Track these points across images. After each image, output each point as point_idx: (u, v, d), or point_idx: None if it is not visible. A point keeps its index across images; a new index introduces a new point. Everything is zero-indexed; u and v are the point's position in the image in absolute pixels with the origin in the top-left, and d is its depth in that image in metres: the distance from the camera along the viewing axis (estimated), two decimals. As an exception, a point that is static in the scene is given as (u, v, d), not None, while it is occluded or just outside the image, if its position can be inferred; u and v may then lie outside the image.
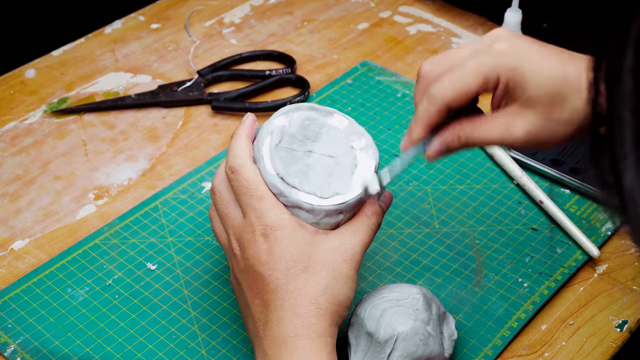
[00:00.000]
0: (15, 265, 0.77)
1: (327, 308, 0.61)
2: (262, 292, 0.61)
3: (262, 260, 0.61)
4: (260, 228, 0.61)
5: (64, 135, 0.91)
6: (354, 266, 0.63)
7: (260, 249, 0.61)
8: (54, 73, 0.99)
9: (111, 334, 0.71)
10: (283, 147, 0.63)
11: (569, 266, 0.77)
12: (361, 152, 0.66)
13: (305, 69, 1.00)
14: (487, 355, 0.69)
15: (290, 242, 0.61)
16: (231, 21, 1.07)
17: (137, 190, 0.85)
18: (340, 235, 0.63)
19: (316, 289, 0.61)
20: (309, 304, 0.60)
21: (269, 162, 0.63)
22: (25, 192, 0.84)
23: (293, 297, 0.60)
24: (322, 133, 0.65)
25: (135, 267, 0.76)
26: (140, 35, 1.04)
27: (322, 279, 0.61)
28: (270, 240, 0.61)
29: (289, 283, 0.60)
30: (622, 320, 0.73)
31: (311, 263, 0.61)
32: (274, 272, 0.61)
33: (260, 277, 0.61)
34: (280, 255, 0.61)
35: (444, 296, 0.74)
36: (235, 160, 0.63)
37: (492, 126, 0.62)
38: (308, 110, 0.66)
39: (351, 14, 1.09)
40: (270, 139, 0.64)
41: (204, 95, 0.94)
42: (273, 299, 0.61)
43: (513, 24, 0.94)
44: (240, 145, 0.64)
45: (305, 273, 0.61)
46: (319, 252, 0.62)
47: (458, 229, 0.80)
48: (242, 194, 0.62)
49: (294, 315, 0.60)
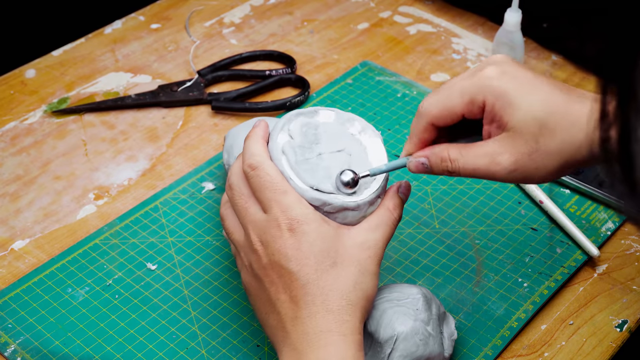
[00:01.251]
0: (15, 265, 0.77)
1: (358, 304, 0.61)
2: (289, 287, 0.60)
3: (289, 255, 0.60)
4: (286, 222, 0.60)
5: (64, 135, 0.91)
6: (377, 261, 0.63)
7: (287, 243, 0.60)
8: (54, 73, 0.99)
9: (111, 334, 0.71)
10: (300, 161, 0.63)
11: (568, 266, 0.77)
12: (362, 135, 0.66)
13: (305, 69, 1.00)
14: (487, 355, 0.69)
15: (317, 236, 0.60)
16: (231, 21, 1.07)
17: (137, 190, 0.85)
18: (363, 230, 0.63)
19: (347, 284, 0.60)
20: (340, 299, 0.60)
21: (298, 180, 0.62)
22: (26, 192, 0.84)
23: (324, 293, 0.60)
24: (319, 133, 0.65)
25: (135, 267, 0.76)
26: (140, 35, 1.04)
27: (351, 274, 0.61)
28: (298, 235, 0.60)
29: (319, 278, 0.60)
30: (621, 320, 0.73)
31: (339, 259, 0.61)
32: (304, 268, 0.60)
33: (287, 273, 0.60)
34: (309, 250, 0.60)
35: (444, 296, 0.74)
36: (254, 157, 0.63)
37: (479, 154, 0.62)
38: (299, 117, 0.66)
39: (351, 14, 1.09)
40: (287, 158, 0.63)
41: (204, 95, 0.94)
42: (303, 295, 0.60)
43: (513, 24, 0.94)
44: (256, 144, 0.64)
45: (335, 268, 0.60)
46: (346, 248, 0.62)
47: (458, 229, 0.80)
48: (265, 189, 0.61)
49: (327, 311, 0.59)
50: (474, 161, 0.62)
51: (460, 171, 0.63)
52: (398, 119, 0.92)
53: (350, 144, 0.65)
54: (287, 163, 0.63)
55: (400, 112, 0.93)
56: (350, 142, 0.66)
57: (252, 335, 0.71)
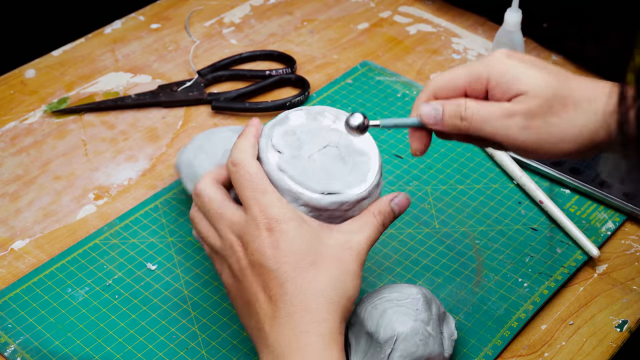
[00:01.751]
0: (15, 265, 0.77)
1: (339, 302, 0.60)
2: (268, 286, 0.60)
3: (268, 254, 0.60)
4: (264, 222, 0.60)
5: (64, 135, 0.91)
6: (360, 262, 0.62)
7: (265, 242, 0.60)
8: (54, 73, 0.99)
9: (111, 334, 0.71)
10: (299, 171, 0.63)
11: (568, 266, 0.77)
12: (338, 123, 0.66)
13: (305, 69, 1.00)
14: (487, 355, 0.69)
15: (296, 235, 0.60)
16: (231, 21, 1.07)
17: (137, 190, 0.85)
18: (346, 230, 0.62)
19: (326, 283, 0.60)
20: (320, 298, 0.59)
21: (308, 192, 0.62)
22: (25, 192, 0.84)
23: (303, 292, 0.59)
24: (300, 136, 0.64)
25: (135, 267, 0.76)
26: (140, 35, 1.04)
27: (331, 273, 0.60)
28: (276, 234, 0.60)
29: (297, 277, 0.59)
30: (622, 320, 0.73)
31: (319, 257, 0.60)
32: (282, 266, 0.59)
33: (266, 271, 0.60)
34: (288, 249, 0.60)
35: (444, 296, 0.74)
36: (238, 154, 0.62)
37: (494, 107, 0.62)
38: (275, 129, 0.65)
39: (351, 14, 1.09)
40: (287, 174, 0.62)
41: (204, 95, 0.94)
42: (282, 294, 0.59)
43: (513, 24, 0.94)
44: (245, 142, 0.63)
45: (314, 267, 0.60)
46: (327, 247, 0.61)
47: (458, 229, 0.80)
48: (244, 187, 0.61)
49: (305, 310, 0.59)
50: (488, 109, 0.62)
51: (472, 119, 0.62)
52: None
53: (331, 136, 0.65)
54: (290, 179, 0.62)
55: (400, 112, 0.93)
56: (331, 134, 0.65)
57: (252, 335, 0.71)
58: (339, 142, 0.65)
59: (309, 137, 0.64)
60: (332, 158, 0.64)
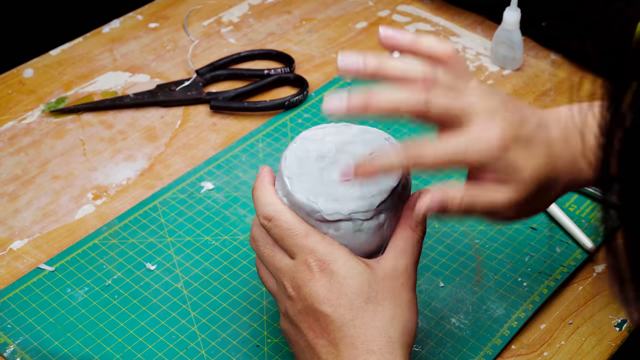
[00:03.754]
0: (14, 265, 0.77)
1: (399, 340, 0.58)
2: (327, 330, 0.58)
3: (321, 297, 0.58)
4: (314, 264, 0.58)
5: (62, 135, 0.90)
6: (411, 287, 0.60)
7: (317, 285, 0.58)
8: (52, 72, 0.98)
9: (111, 334, 0.71)
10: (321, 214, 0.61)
11: (568, 265, 0.77)
12: (343, 127, 0.64)
13: (304, 68, 1.00)
14: (486, 354, 0.69)
15: (347, 273, 0.58)
16: (229, 20, 1.07)
17: (136, 190, 0.84)
18: (391, 258, 0.60)
19: (384, 320, 0.58)
20: (380, 337, 0.58)
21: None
22: (24, 192, 0.84)
23: (363, 333, 0.57)
24: (312, 155, 0.63)
25: (134, 267, 0.76)
26: (138, 35, 1.04)
27: (387, 309, 0.59)
28: (327, 275, 0.58)
29: (355, 318, 0.58)
30: (621, 320, 0.73)
31: (372, 293, 0.59)
32: (338, 309, 0.58)
33: (322, 316, 0.58)
34: (340, 289, 0.58)
35: (444, 296, 0.74)
36: (267, 207, 0.61)
37: (489, 186, 0.59)
38: (287, 156, 0.63)
39: (350, 13, 1.09)
40: (309, 196, 0.61)
41: (202, 94, 0.94)
42: (341, 337, 0.58)
43: (512, 23, 0.94)
44: (266, 193, 0.62)
45: (370, 305, 0.58)
46: (377, 281, 0.59)
47: (457, 228, 0.80)
48: (286, 237, 0.60)
49: (368, 352, 0.57)
50: (489, 188, 0.59)
51: (478, 202, 0.59)
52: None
53: (354, 145, 0.64)
54: (311, 198, 0.61)
55: (399, 112, 0.93)
56: (353, 145, 0.63)
57: (252, 335, 0.71)
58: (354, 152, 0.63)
59: (342, 157, 0.63)
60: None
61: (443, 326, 0.72)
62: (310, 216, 0.61)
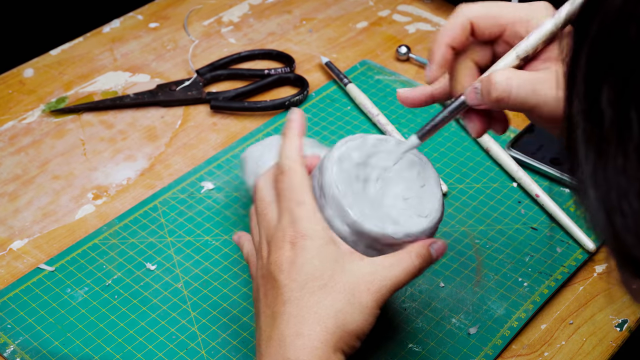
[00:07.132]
0: (14, 265, 0.77)
1: (334, 333, 0.57)
2: (275, 301, 0.58)
3: (283, 268, 0.58)
4: (290, 234, 0.58)
5: (62, 135, 0.90)
6: (376, 298, 0.58)
7: (284, 255, 0.58)
8: (53, 72, 0.98)
9: (111, 334, 0.71)
10: (353, 191, 0.60)
11: (568, 265, 0.77)
12: (359, 138, 0.63)
13: (304, 68, 0.99)
14: (487, 354, 0.69)
15: (316, 254, 0.57)
16: (230, 20, 1.07)
17: (136, 189, 0.84)
18: (374, 264, 0.59)
19: (328, 310, 0.57)
20: (315, 324, 0.56)
21: (355, 212, 0.59)
22: (24, 191, 0.84)
23: (301, 314, 0.57)
24: (369, 158, 0.62)
25: (134, 267, 0.76)
26: (138, 35, 1.04)
27: (337, 301, 0.57)
28: (297, 249, 0.58)
29: (302, 298, 0.57)
30: (622, 320, 0.73)
31: (331, 282, 0.57)
32: (291, 283, 0.57)
33: (277, 286, 0.58)
34: (302, 267, 0.57)
35: (444, 296, 0.74)
36: (285, 160, 0.60)
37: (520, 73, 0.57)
38: (348, 143, 0.62)
39: (350, 13, 1.09)
40: (341, 187, 0.60)
41: (202, 94, 0.94)
42: (282, 312, 0.57)
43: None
44: (292, 144, 0.61)
45: (322, 291, 0.57)
46: (344, 273, 0.58)
47: (458, 228, 0.80)
48: (283, 196, 0.60)
49: (297, 334, 0.56)
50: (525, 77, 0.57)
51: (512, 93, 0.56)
52: (397, 118, 0.92)
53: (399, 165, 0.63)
54: (343, 193, 0.60)
55: (400, 112, 0.93)
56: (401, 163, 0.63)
57: (252, 335, 0.71)
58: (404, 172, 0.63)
59: (378, 160, 0.62)
60: (395, 185, 0.62)
61: (443, 326, 0.71)
62: (377, 241, 0.60)
